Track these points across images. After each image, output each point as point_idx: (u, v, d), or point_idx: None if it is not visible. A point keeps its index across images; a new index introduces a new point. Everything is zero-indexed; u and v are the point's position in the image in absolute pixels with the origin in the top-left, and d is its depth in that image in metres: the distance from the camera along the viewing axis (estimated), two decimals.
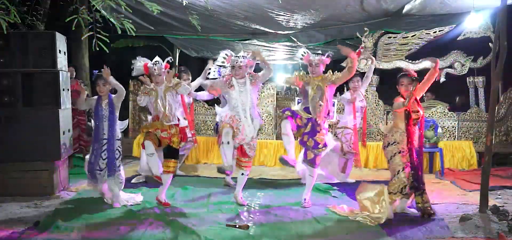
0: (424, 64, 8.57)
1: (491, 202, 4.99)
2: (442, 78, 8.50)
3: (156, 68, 5.03)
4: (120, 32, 4.95)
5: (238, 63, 5.05)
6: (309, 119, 5.14)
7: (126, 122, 5.47)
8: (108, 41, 4.43)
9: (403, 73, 4.87)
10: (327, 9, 7.82)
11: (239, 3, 7.41)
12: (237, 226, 4.43)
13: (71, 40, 6.78)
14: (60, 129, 5.68)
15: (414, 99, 4.59)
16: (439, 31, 8.33)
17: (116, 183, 5.15)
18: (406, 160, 4.66)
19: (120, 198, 5.16)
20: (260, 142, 8.25)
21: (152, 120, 5.14)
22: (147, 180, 6.35)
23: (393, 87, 4.98)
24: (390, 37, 8.54)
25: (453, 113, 8.30)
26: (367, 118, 7.53)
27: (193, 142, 6.73)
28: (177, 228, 4.34)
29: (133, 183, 6.34)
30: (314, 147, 5.12)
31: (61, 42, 5.87)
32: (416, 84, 4.59)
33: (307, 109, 5.19)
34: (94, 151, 5.13)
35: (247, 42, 9.88)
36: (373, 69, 6.82)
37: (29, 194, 5.52)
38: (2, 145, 5.60)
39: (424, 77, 4.75)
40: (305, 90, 5.24)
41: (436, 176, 7.28)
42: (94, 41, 4.36)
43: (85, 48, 9.10)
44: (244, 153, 5.20)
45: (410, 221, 4.62)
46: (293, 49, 10.14)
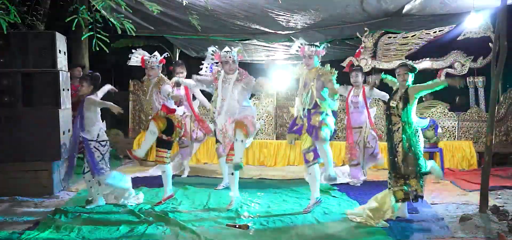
0: (424, 64, 8.57)
1: (491, 202, 5.00)
2: (442, 78, 8.49)
3: (149, 62, 5.16)
4: (120, 32, 4.95)
5: (226, 58, 5.07)
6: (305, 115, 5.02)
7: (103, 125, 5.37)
8: (108, 41, 4.43)
9: (402, 62, 4.89)
10: (327, 9, 7.82)
11: (239, 3, 7.40)
12: (237, 226, 4.43)
13: (71, 40, 6.78)
14: (60, 129, 5.68)
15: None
16: (439, 31, 8.32)
17: (93, 183, 5.16)
18: None
19: (100, 197, 5.18)
20: (260, 142, 8.26)
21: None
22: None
23: (391, 86, 4.98)
24: (390, 37, 8.54)
25: (453, 113, 8.30)
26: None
27: (198, 139, 6.80)
28: (177, 228, 4.34)
29: (134, 183, 6.33)
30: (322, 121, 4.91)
31: (61, 42, 5.87)
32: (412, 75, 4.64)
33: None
34: (70, 150, 5.29)
35: (247, 42, 9.87)
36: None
37: (29, 194, 5.52)
38: (2, 145, 5.60)
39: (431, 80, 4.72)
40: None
41: None
42: (94, 41, 4.35)
43: (85, 48, 9.09)
44: (232, 147, 5.12)
45: (410, 221, 4.62)
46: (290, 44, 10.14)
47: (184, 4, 6.43)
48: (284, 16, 8.05)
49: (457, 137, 8.18)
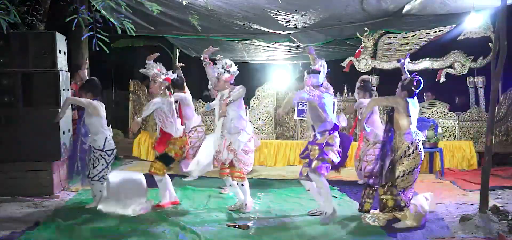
0: (424, 64, 8.57)
1: (491, 202, 5.00)
2: (442, 78, 8.50)
3: (154, 75, 5.04)
4: (120, 32, 4.94)
5: (217, 75, 5.00)
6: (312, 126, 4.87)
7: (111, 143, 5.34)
8: (108, 41, 4.42)
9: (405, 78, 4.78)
10: (327, 9, 7.81)
11: (239, 3, 7.40)
12: (237, 226, 4.44)
13: (71, 40, 6.77)
14: (60, 129, 5.68)
15: None
16: (439, 31, 8.32)
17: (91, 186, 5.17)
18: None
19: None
20: (260, 142, 8.26)
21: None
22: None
23: (392, 87, 4.97)
24: (390, 37, 8.53)
25: (453, 113, 8.30)
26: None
27: None
28: (177, 228, 4.34)
29: None
30: (319, 155, 4.69)
31: (61, 42, 5.87)
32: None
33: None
34: (73, 153, 5.28)
35: (247, 42, 9.87)
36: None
37: (29, 194, 5.52)
38: (2, 145, 5.60)
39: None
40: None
41: (436, 176, 7.29)
42: (94, 41, 4.35)
43: (85, 48, 9.08)
44: (233, 164, 5.02)
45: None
46: (293, 49, 10.14)
47: (184, 4, 6.43)
48: (284, 16, 8.04)
49: (457, 137, 8.18)
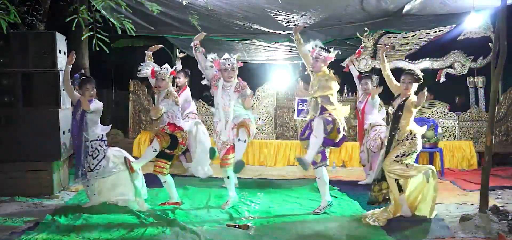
0: (424, 64, 8.57)
1: (491, 202, 5.00)
2: (442, 78, 8.50)
3: (160, 73, 5.05)
4: (120, 32, 4.94)
5: (225, 65, 5.00)
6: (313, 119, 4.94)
7: (109, 128, 5.36)
8: (108, 41, 4.42)
9: (408, 71, 4.85)
10: (327, 9, 7.81)
11: (239, 3, 7.39)
12: (237, 226, 4.44)
13: (71, 40, 6.76)
14: (60, 129, 5.68)
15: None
16: (439, 31, 8.32)
17: (91, 184, 5.12)
18: None
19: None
20: (260, 142, 8.27)
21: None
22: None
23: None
24: (390, 37, 8.54)
25: (453, 113, 8.30)
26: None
27: None
28: (177, 228, 4.34)
29: None
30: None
31: (61, 42, 5.87)
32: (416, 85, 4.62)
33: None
34: (75, 150, 5.15)
35: (247, 42, 9.86)
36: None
37: (29, 194, 5.52)
38: (2, 145, 5.60)
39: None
40: None
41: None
42: (94, 41, 4.35)
43: (85, 48, 9.08)
44: (227, 151, 5.11)
45: (410, 221, 4.62)
46: (293, 49, 10.13)
47: (184, 4, 6.43)
48: (284, 16, 8.04)
49: (457, 137, 8.18)
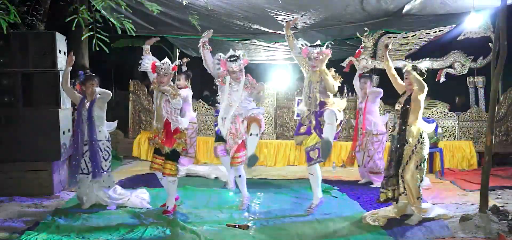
0: (424, 64, 8.57)
1: (491, 202, 5.00)
2: (442, 78, 8.50)
3: (163, 68, 5.00)
4: (120, 32, 4.94)
5: (232, 68, 4.99)
6: (309, 114, 4.98)
7: (115, 124, 5.38)
8: (108, 41, 4.42)
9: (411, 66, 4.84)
10: (327, 9, 7.81)
11: (239, 3, 7.39)
12: (237, 226, 4.44)
13: (71, 40, 6.77)
14: (60, 129, 5.68)
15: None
16: (439, 31, 8.32)
17: (101, 186, 5.11)
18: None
19: (114, 201, 5.12)
20: (260, 142, 8.25)
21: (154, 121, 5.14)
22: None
23: (393, 87, 4.96)
24: (390, 37, 8.54)
25: (453, 113, 8.30)
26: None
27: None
28: (177, 228, 4.34)
29: (134, 182, 6.36)
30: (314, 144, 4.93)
31: (61, 42, 5.87)
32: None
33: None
34: (76, 153, 5.05)
35: (247, 42, 9.86)
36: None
37: (29, 194, 5.52)
38: (2, 145, 5.60)
39: None
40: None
41: (436, 176, 7.29)
42: (94, 41, 4.35)
43: (85, 48, 9.08)
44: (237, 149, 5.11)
45: (410, 221, 4.62)
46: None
47: (184, 4, 6.43)
48: (284, 16, 8.04)
49: (457, 137, 8.18)
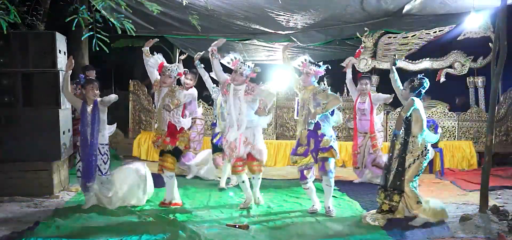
0: (424, 64, 8.57)
1: (491, 202, 4.99)
2: (442, 78, 8.50)
3: (169, 70, 5.05)
4: (120, 32, 4.95)
5: (240, 70, 4.99)
6: (307, 135, 4.98)
7: (114, 127, 5.38)
8: (108, 41, 4.43)
9: (411, 79, 4.73)
10: (327, 9, 7.82)
11: (239, 3, 7.40)
12: (237, 226, 4.43)
13: (71, 40, 6.77)
14: (60, 129, 5.68)
15: None
16: (439, 31, 8.33)
17: (101, 189, 5.11)
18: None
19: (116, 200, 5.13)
20: None
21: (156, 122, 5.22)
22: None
23: (392, 86, 4.96)
24: (390, 37, 8.54)
25: (453, 113, 8.30)
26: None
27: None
28: (177, 228, 4.33)
29: None
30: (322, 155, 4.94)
31: (61, 42, 5.87)
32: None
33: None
34: (84, 157, 5.01)
35: (247, 42, 9.87)
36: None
37: (29, 194, 5.51)
38: (2, 145, 5.60)
39: None
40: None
41: (436, 176, 7.29)
42: (94, 41, 4.36)
43: (85, 48, 9.09)
44: (253, 157, 5.12)
45: (410, 221, 4.61)
46: (293, 49, 10.13)
47: (184, 4, 6.43)
48: (284, 16, 8.05)
49: (457, 137, 8.18)
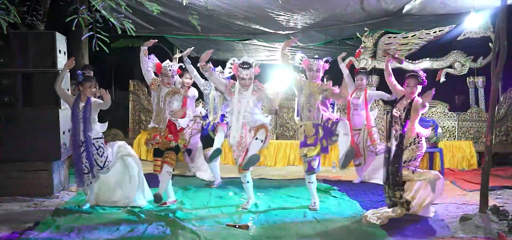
0: (424, 64, 8.57)
1: (491, 202, 4.99)
2: (442, 78, 8.50)
3: (170, 70, 5.09)
4: (120, 32, 4.95)
5: (243, 75, 4.96)
6: (314, 125, 4.99)
7: (106, 125, 5.39)
8: (108, 41, 4.43)
9: (411, 73, 4.81)
10: (327, 9, 7.82)
11: (239, 3, 7.40)
12: (237, 226, 4.43)
13: (71, 40, 6.77)
14: (60, 129, 5.68)
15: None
16: (439, 31, 8.33)
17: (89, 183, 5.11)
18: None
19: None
20: None
21: (153, 122, 5.16)
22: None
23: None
24: (390, 37, 8.55)
25: (453, 113, 8.30)
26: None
27: None
28: (177, 228, 4.34)
29: None
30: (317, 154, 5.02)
31: (61, 42, 5.87)
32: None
33: (298, 113, 5.17)
34: (74, 154, 5.06)
35: (247, 42, 9.87)
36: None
37: (29, 194, 5.52)
38: (2, 145, 5.60)
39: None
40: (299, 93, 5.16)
41: None
42: (94, 41, 4.35)
43: (85, 48, 9.08)
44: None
45: (410, 221, 4.62)
46: (293, 49, 10.12)
47: (184, 4, 6.43)
48: (284, 16, 8.05)
49: (457, 137, 8.18)
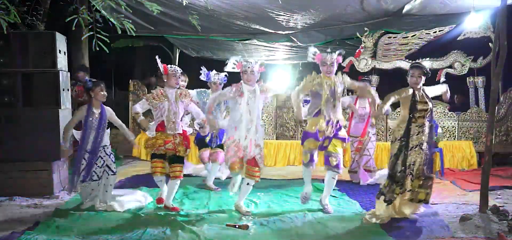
0: (424, 64, 8.55)
1: (491, 202, 4.99)
2: (442, 78, 8.50)
3: (175, 70, 5.07)
4: (120, 32, 4.95)
5: (250, 68, 4.87)
6: (327, 122, 4.93)
7: (108, 131, 5.32)
8: (108, 41, 4.43)
9: (416, 64, 4.81)
10: (327, 9, 7.83)
11: (239, 3, 7.41)
12: (237, 226, 4.43)
13: (71, 40, 6.78)
14: (60, 129, 5.67)
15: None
16: (439, 31, 8.33)
17: (107, 188, 5.13)
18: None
19: (120, 204, 5.11)
20: None
21: (156, 130, 5.04)
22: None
23: (393, 87, 4.96)
24: (390, 37, 8.54)
25: (453, 113, 8.30)
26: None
27: None
28: (177, 228, 4.34)
29: (134, 183, 6.36)
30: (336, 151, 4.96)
31: (61, 42, 5.87)
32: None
33: (318, 113, 4.97)
34: (81, 158, 5.00)
35: (247, 42, 9.88)
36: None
37: (29, 194, 5.52)
38: (2, 145, 5.60)
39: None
40: (316, 92, 4.99)
41: (436, 176, 7.23)
42: (94, 41, 4.36)
43: (85, 48, 9.09)
44: (256, 163, 4.93)
45: (410, 221, 4.62)
46: (293, 49, 10.15)
47: (184, 4, 6.43)
48: (284, 16, 8.05)
49: (457, 137, 8.18)
